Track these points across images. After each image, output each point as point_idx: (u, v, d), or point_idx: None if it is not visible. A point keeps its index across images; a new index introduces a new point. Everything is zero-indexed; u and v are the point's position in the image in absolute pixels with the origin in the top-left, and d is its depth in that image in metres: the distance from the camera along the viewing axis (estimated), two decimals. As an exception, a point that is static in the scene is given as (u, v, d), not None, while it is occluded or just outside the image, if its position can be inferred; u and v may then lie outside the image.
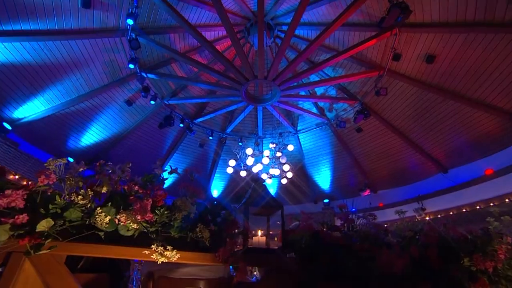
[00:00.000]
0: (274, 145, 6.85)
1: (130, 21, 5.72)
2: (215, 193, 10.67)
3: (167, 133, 8.97)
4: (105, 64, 6.54)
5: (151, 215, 1.30)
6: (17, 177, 5.28)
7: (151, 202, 1.32)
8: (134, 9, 5.67)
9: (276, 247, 1.88)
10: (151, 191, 1.44)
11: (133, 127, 8.19)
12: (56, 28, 5.24)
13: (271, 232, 1.94)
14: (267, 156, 6.51)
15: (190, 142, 9.56)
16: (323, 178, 10.24)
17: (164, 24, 6.61)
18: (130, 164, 1.58)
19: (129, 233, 1.30)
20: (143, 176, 1.65)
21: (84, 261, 2.15)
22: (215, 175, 10.22)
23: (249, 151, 6.58)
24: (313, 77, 8.49)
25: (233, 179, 9.95)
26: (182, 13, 6.10)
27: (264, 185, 2.02)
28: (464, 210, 7.20)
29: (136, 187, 1.45)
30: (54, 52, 5.55)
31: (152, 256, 1.21)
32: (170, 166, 1.76)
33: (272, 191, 10.80)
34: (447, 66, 6.36)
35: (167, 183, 1.86)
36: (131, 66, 6.68)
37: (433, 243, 1.98)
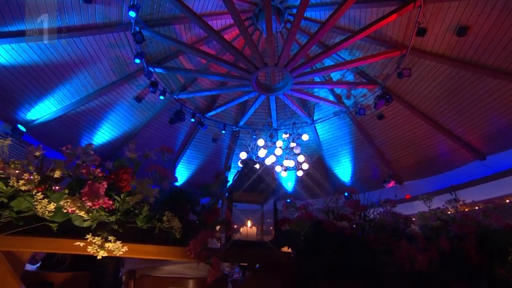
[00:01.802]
0: (288, 135, 6.55)
1: (132, 14, 5.65)
2: (231, 189, 10.56)
3: (179, 129, 8.95)
4: (112, 60, 6.56)
5: (110, 202, 1.12)
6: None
7: (105, 186, 1.13)
8: (136, 0, 5.59)
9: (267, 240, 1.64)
10: (116, 175, 1.25)
11: (143, 124, 8.23)
12: (60, 25, 5.27)
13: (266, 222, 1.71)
14: (280, 147, 6.24)
15: (202, 137, 9.49)
16: (343, 170, 9.80)
17: (168, 14, 6.50)
18: (93, 146, 1.41)
19: (86, 224, 1.13)
20: (114, 161, 1.48)
21: (71, 258, 2.04)
22: (230, 170, 10.08)
23: (260, 142, 6.34)
24: (328, 62, 8.06)
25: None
26: (186, 1, 5.95)
27: (256, 168, 1.78)
28: (507, 201, 6.51)
29: (98, 171, 1.27)
30: (60, 51, 5.62)
31: (88, 249, 1.02)
32: (147, 150, 1.57)
33: (290, 185, 10.52)
34: (482, 39, 5.72)
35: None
36: (137, 61, 6.65)
37: (469, 234, 1.65)
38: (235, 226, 1.66)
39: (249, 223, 1.71)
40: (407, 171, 8.93)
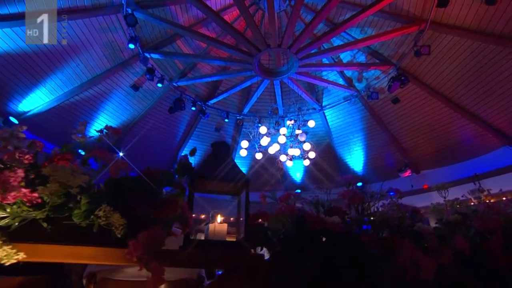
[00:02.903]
0: (293, 121, 6.25)
1: (121, -6, 5.41)
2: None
3: (180, 118, 8.78)
4: (104, 46, 6.39)
5: (34, 195, 0.91)
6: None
7: (21, 175, 0.91)
8: (124, -21, 5.35)
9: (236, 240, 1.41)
10: (50, 162, 1.04)
11: (142, 114, 8.10)
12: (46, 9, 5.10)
13: (232, 218, 1.47)
14: (284, 135, 5.95)
15: (205, 127, 9.31)
16: (355, 159, 9.43)
17: (161, -6, 6.23)
18: (25, 128, 1.19)
19: (2, 223, 0.92)
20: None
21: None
22: (235, 160, 9.88)
23: (263, 129, 6.07)
24: (337, 42, 7.61)
25: (254, 164, 9.56)
26: (178, -22, 5.66)
27: (229, 151, 1.53)
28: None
29: (26, 157, 1.06)
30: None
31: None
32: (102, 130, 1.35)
33: (298, 175, 10.26)
34: (514, 7, 5.16)
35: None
36: (131, 46, 6.45)
37: (496, 230, 1.37)
38: (203, 222, 1.44)
39: (218, 218, 1.48)
40: (425, 159, 8.48)
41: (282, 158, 6.36)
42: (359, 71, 8.03)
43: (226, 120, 9.00)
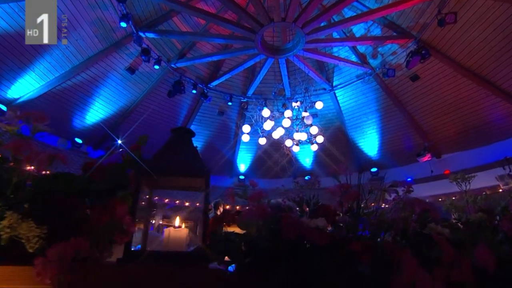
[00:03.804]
0: (298, 103, 5.91)
1: (106, -35, 5.09)
2: (242, 167, 10.24)
3: (180, 102, 8.57)
4: (94, 25, 6.14)
5: None
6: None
7: None
8: None
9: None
10: None
11: (140, 99, 7.93)
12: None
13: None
14: (289, 118, 5.64)
15: (207, 111, 9.07)
16: (369, 142, 9.04)
17: (152, -35, 5.87)
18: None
19: None
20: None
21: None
22: (240, 146, 9.70)
23: (265, 112, 5.76)
24: (349, 14, 7.06)
25: (262, 150, 9.34)
26: None
27: (190, 139, 1.28)
28: None
29: None
30: (32, 16, 5.26)
31: None
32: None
33: (308, 161, 9.97)
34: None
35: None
36: (123, 24, 6.19)
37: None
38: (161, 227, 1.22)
39: (177, 221, 1.25)
40: (447, 142, 7.99)
41: (288, 143, 6.07)
42: (373, 46, 7.51)
43: (230, 103, 8.72)
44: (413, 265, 0.85)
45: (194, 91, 8.23)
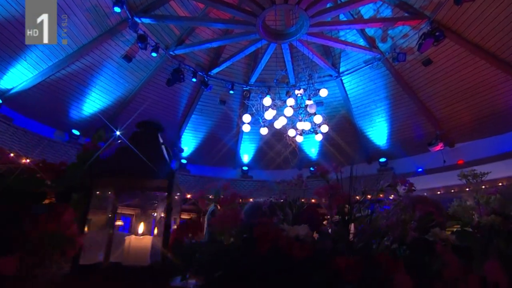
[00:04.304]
0: (302, 91, 5.66)
1: None
2: (246, 158, 10.09)
3: (180, 91, 8.38)
4: (88, 11, 5.95)
5: None
6: (12, 154, 5.25)
7: None
8: None
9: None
10: None
11: (138, 88, 7.76)
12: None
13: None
14: (291, 106, 5.41)
15: (209, 100, 8.88)
16: (378, 131, 8.76)
17: None
18: None
19: None
20: None
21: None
22: (243, 136, 9.52)
23: (267, 101, 5.55)
24: (358, -7, 6.68)
25: (265, 140, 9.14)
26: None
27: (156, 134, 1.12)
28: None
29: None
30: (20, 1, 5.10)
31: None
32: None
33: (314, 151, 9.75)
34: None
35: None
36: (117, 9, 5.98)
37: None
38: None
39: (140, 228, 1.09)
40: (462, 130, 7.67)
41: (291, 133, 5.86)
42: (383, 29, 7.15)
43: (231, 91, 8.50)
44: (406, 282, 0.67)
45: (194, 80, 8.02)
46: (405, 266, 0.85)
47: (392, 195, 1.15)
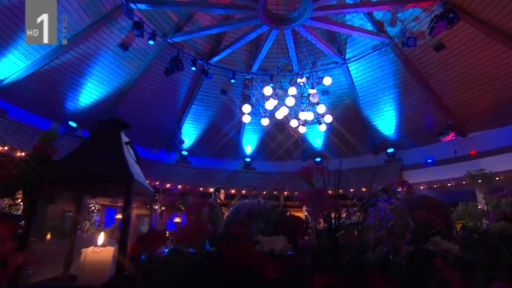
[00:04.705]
0: (304, 79, 5.42)
1: None
2: (248, 149, 9.92)
3: (179, 80, 8.18)
4: (79, -3, 5.74)
5: None
6: (6, 148, 5.17)
7: None
8: None
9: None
10: None
11: (135, 78, 7.57)
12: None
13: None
14: (293, 96, 5.18)
15: (209, 89, 8.66)
16: (386, 121, 8.48)
17: None
18: None
19: None
20: None
21: None
22: (246, 126, 9.32)
23: (267, 90, 5.32)
24: (365, -27, 6.33)
25: (268, 130, 8.93)
26: None
27: (118, 133, 0.95)
28: None
29: None
30: (8, -13, 4.92)
31: None
32: None
33: (319, 141, 9.52)
34: None
35: None
36: (110, -5, 5.76)
37: None
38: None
39: (100, 239, 0.93)
40: (475, 119, 7.34)
41: (293, 123, 5.65)
42: (392, 12, 6.79)
43: (233, 80, 8.26)
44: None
45: (193, 68, 7.80)
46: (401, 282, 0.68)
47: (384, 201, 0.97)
